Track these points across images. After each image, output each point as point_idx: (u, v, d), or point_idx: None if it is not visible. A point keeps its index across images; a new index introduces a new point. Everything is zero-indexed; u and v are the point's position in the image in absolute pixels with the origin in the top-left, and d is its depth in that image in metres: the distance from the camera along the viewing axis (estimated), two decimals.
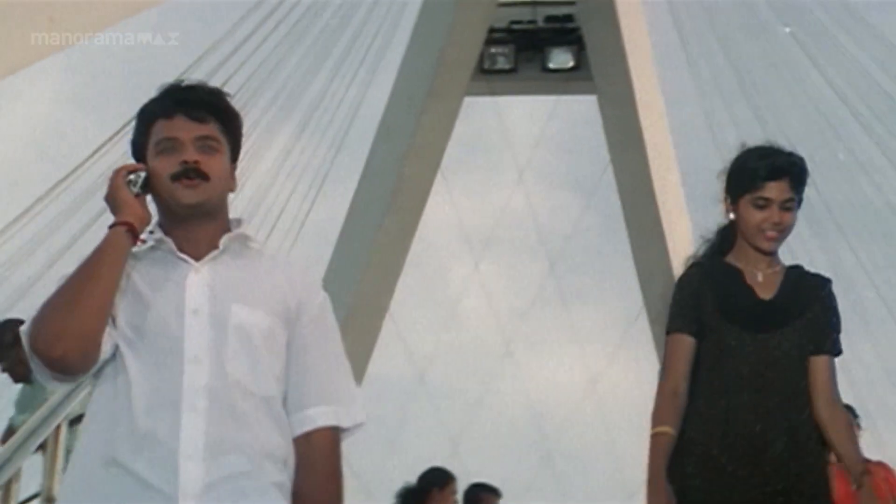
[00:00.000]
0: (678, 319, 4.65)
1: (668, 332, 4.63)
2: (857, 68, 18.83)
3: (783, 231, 4.71)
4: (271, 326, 3.40)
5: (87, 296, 3.28)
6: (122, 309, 3.37)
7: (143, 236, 3.42)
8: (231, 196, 3.56)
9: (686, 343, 4.61)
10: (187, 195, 3.42)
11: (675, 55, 20.67)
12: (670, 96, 21.71)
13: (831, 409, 4.63)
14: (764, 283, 4.73)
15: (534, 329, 22.80)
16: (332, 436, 3.46)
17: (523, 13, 20.80)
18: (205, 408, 3.27)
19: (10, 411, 8.89)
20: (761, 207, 4.67)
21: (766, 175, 4.66)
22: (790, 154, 4.77)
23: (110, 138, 15.85)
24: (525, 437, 22.87)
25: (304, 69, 18.83)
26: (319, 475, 3.43)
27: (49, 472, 7.30)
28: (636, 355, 21.48)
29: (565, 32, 20.69)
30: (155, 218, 3.52)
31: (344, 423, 3.47)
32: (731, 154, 4.83)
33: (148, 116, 3.52)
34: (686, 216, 21.32)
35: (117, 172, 3.45)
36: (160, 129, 3.49)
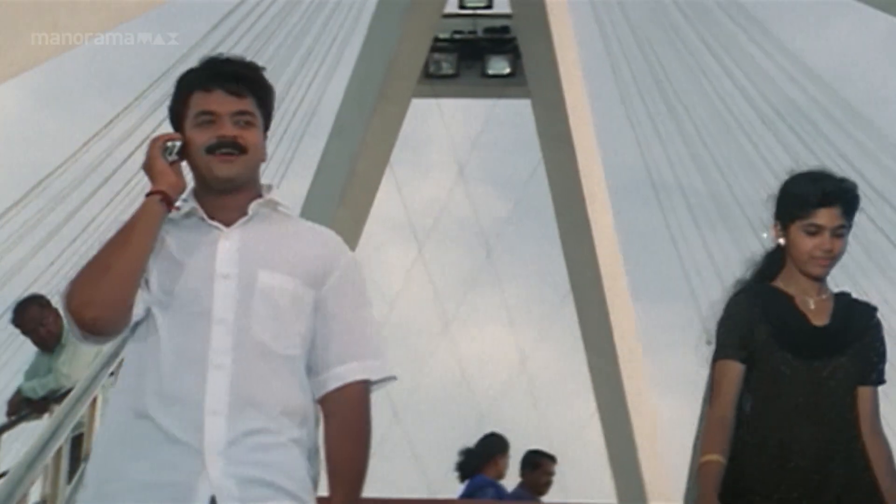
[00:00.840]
0: (727, 346, 4.37)
1: (716, 359, 4.34)
2: (757, 70, 19.39)
3: (834, 258, 4.49)
4: (296, 289, 3.42)
5: (118, 262, 3.32)
6: (156, 273, 3.40)
7: (177, 203, 3.47)
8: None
9: (736, 370, 4.37)
10: (223, 168, 3.44)
11: (601, 63, 21.13)
12: (596, 99, 22.33)
13: (873, 440, 4.43)
14: (816, 310, 4.51)
15: (470, 310, 23.14)
16: (362, 389, 3.47)
17: (465, 24, 21.31)
18: (230, 366, 3.31)
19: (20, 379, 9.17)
20: (812, 234, 4.46)
21: (817, 201, 4.44)
22: (842, 180, 4.53)
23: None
24: (459, 407, 23.14)
25: (268, 74, 19.89)
26: (350, 428, 3.46)
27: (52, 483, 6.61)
28: (562, 334, 22.48)
29: (502, 42, 21.23)
30: (190, 185, 3.56)
31: (373, 377, 3.50)
32: (779, 178, 4.61)
33: (186, 86, 3.51)
34: (609, 208, 22.23)
35: (154, 142, 3.47)
36: (198, 101, 3.48)
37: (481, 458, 10.32)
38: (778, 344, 4.39)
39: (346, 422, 3.45)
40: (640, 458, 21.22)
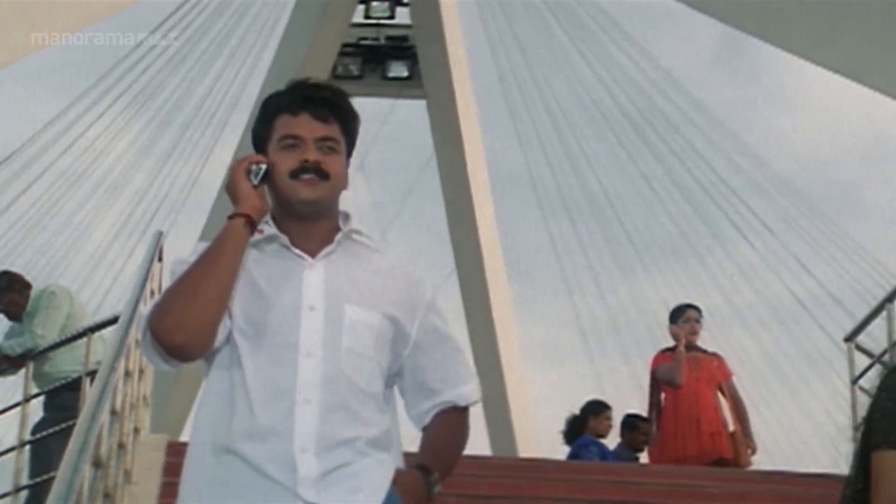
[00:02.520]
0: (891, 433, 3.22)
1: (876, 447, 3.22)
2: (617, 66, 20.59)
3: None
4: (381, 325, 3.16)
5: (207, 286, 3.04)
6: (239, 300, 3.11)
7: (259, 227, 3.15)
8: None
9: None
10: (305, 191, 3.14)
11: (489, 70, 22.33)
12: (483, 101, 23.49)
13: None
14: None
15: None
16: (458, 415, 3.29)
17: (369, 32, 22.38)
18: (318, 401, 3.06)
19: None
20: None
21: None
22: None
23: None
24: None
25: (196, 71, 20.44)
26: (451, 443, 3.28)
27: None
28: (446, 308, 23.66)
29: (402, 49, 22.35)
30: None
31: (470, 401, 3.30)
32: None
33: (272, 110, 3.24)
34: (490, 199, 23.28)
35: (239, 163, 3.20)
36: (284, 125, 3.19)
37: (580, 422, 10.93)
38: None
39: (450, 439, 3.28)
40: (511, 415, 22.19)
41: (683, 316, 10.38)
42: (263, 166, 3.20)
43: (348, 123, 3.27)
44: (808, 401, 15.91)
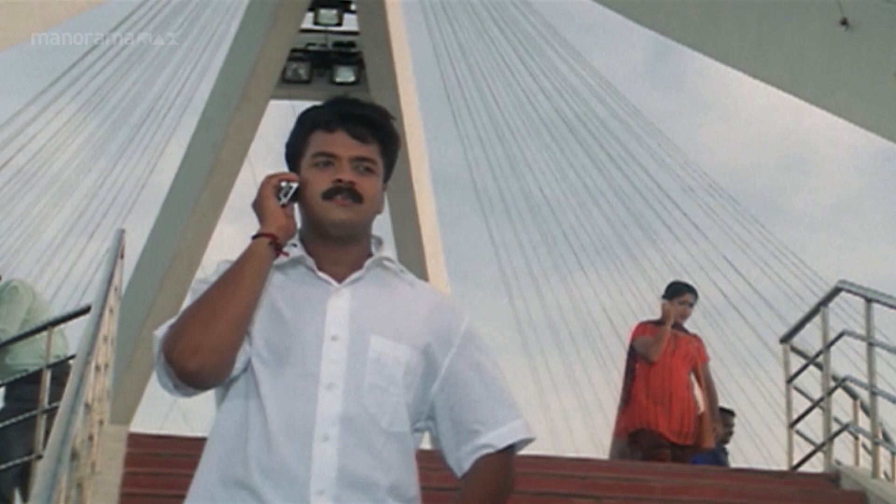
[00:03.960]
0: None
1: None
2: (556, 74, 20.57)
3: None
4: (410, 359, 2.86)
5: (227, 309, 2.77)
6: (260, 326, 2.84)
7: (285, 248, 2.90)
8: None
9: None
10: (337, 213, 2.87)
11: (433, 75, 22.33)
12: (426, 106, 23.54)
13: None
14: None
15: None
16: (507, 455, 2.91)
17: (317, 38, 22.32)
18: (337, 437, 2.76)
19: None
20: None
21: None
22: None
23: None
24: None
25: (149, 74, 20.43)
26: (493, 495, 2.91)
27: None
28: None
29: (349, 55, 22.35)
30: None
31: (518, 438, 2.92)
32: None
33: (308, 125, 2.95)
34: (432, 199, 23.61)
35: (268, 180, 2.90)
36: (318, 142, 2.92)
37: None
38: None
39: (490, 489, 2.91)
40: None
41: (680, 297, 9.99)
42: (294, 184, 2.92)
43: (388, 144, 3.00)
44: (740, 399, 15.99)
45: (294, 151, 2.99)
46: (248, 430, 2.81)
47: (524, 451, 2.98)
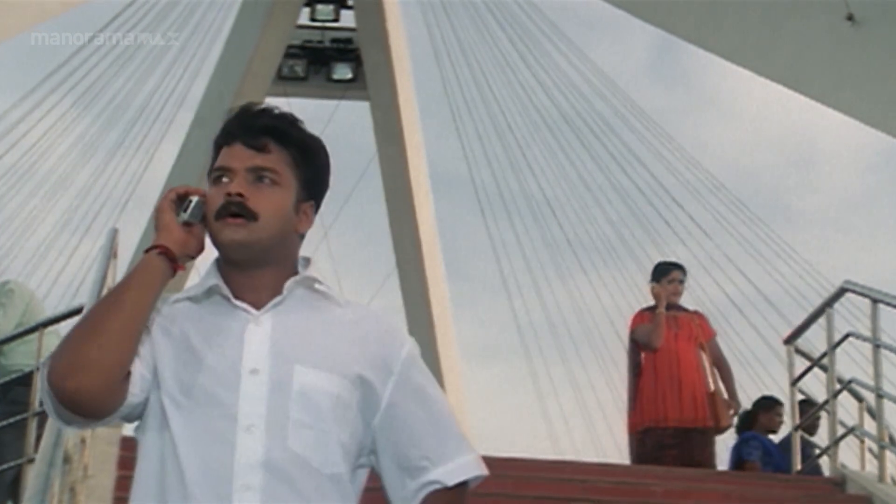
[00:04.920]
0: None
1: None
2: (558, 70, 20.61)
3: None
4: (341, 392, 2.59)
5: (108, 323, 2.51)
6: (170, 362, 2.59)
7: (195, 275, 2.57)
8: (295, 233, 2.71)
9: None
10: (227, 233, 2.62)
11: (431, 73, 22.43)
12: (425, 104, 23.49)
13: None
14: None
15: None
16: (460, 492, 2.66)
17: (314, 35, 22.31)
18: (260, 487, 2.50)
19: None
20: None
21: None
22: None
23: None
24: None
25: (143, 70, 20.48)
26: None
27: None
28: (387, 305, 23.05)
29: (347, 51, 22.33)
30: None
31: (470, 475, 2.67)
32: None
33: (216, 143, 2.72)
34: (431, 200, 23.44)
35: (167, 193, 2.69)
36: (219, 157, 2.69)
37: (751, 417, 10.66)
38: None
39: None
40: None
41: (668, 276, 9.77)
42: (194, 199, 2.66)
43: (302, 155, 2.71)
44: (744, 401, 15.97)
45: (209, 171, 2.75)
46: (165, 480, 2.54)
47: (523, 455, 2.91)
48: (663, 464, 9.14)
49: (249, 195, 2.63)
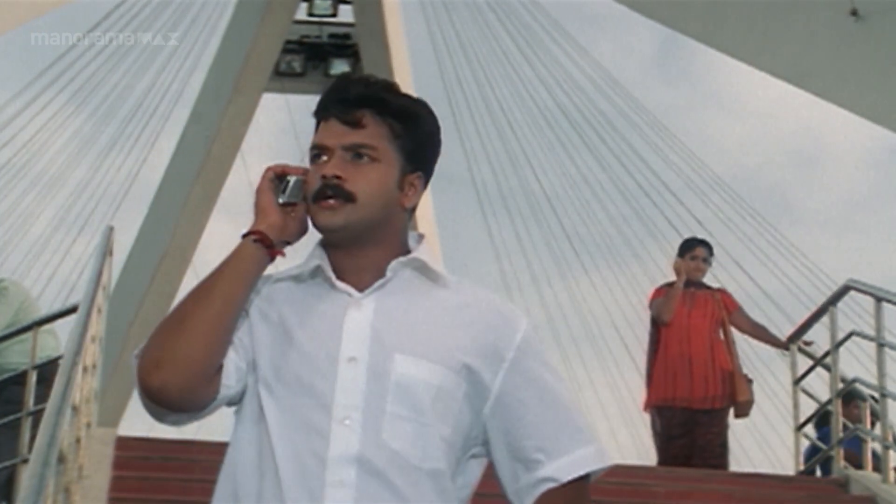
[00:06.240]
0: None
1: None
2: (559, 67, 20.65)
3: None
4: (444, 383, 2.45)
5: (196, 315, 2.42)
6: (266, 346, 2.49)
7: (292, 252, 2.56)
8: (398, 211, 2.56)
9: None
10: (323, 218, 2.50)
11: (430, 68, 22.76)
12: (423, 99, 24.01)
13: None
14: None
15: None
16: (582, 486, 2.51)
17: (312, 30, 22.43)
18: (354, 483, 2.37)
19: None
20: None
21: None
22: None
23: None
24: None
25: (139, 66, 20.52)
26: None
27: None
28: None
29: (344, 47, 22.41)
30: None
31: (594, 467, 2.51)
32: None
33: (314, 117, 2.59)
34: (430, 197, 22.47)
35: (265, 172, 2.56)
36: (316, 133, 2.57)
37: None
38: None
39: None
40: None
41: (691, 252, 9.67)
42: (292, 178, 2.54)
43: (403, 125, 2.56)
44: None
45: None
46: (261, 466, 2.44)
47: None
48: (672, 454, 9.14)
49: (347, 175, 2.50)
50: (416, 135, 2.57)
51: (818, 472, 9.71)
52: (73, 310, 7.04)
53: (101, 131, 20.73)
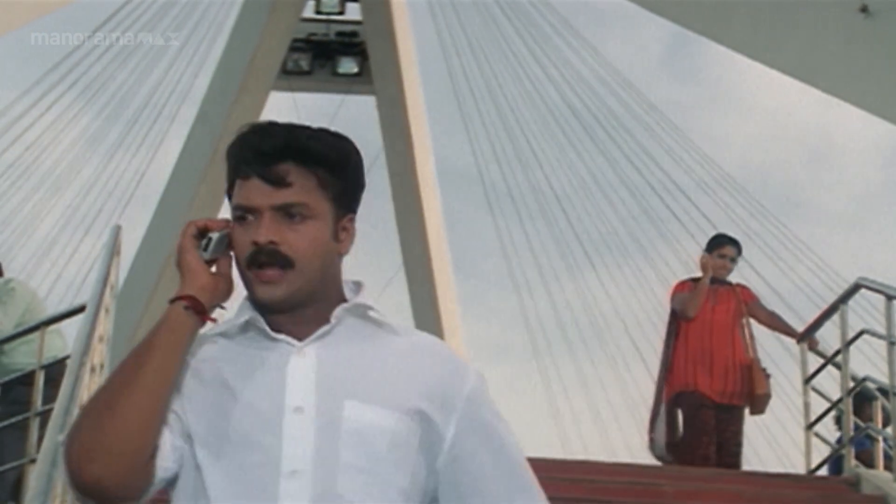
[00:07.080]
0: None
1: None
2: (567, 65, 20.65)
3: None
4: (398, 427, 2.31)
5: (128, 398, 2.23)
6: (200, 406, 2.32)
7: (224, 309, 2.41)
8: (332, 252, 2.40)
9: None
10: (263, 291, 2.35)
11: (438, 66, 22.24)
12: (432, 98, 24.11)
13: None
14: None
15: None
16: None
17: (319, 28, 22.42)
18: None
19: None
20: None
21: None
22: None
23: None
24: None
25: (145, 65, 20.53)
26: None
27: None
28: (392, 302, 22.98)
29: (352, 45, 22.43)
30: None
31: None
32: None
33: (228, 171, 2.41)
34: (437, 194, 23.43)
35: (187, 227, 2.40)
36: (237, 192, 2.37)
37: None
38: None
39: None
40: None
41: (720, 249, 9.73)
42: (215, 235, 2.38)
43: (331, 169, 2.38)
44: None
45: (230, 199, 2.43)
46: None
47: (532, 455, 2.70)
48: (703, 420, 9.16)
49: (281, 238, 2.34)
50: (343, 177, 2.41)
51: (825, 471, 9.68)
52: (80, 310, 7.05)
53: (108, 130, 20.80)
